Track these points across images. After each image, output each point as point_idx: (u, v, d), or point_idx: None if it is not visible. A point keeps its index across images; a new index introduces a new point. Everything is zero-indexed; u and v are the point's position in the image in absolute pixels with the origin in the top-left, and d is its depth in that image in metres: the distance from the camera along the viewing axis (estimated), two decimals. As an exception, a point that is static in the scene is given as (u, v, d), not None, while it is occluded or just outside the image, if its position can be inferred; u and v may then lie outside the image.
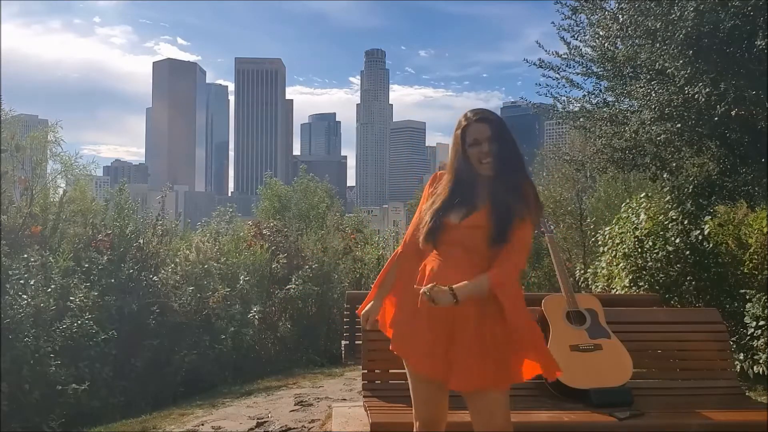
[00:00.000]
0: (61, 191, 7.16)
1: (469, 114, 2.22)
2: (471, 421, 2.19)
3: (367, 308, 2.38)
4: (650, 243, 5.82)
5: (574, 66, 6.71)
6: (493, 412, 2.12)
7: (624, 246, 6.01)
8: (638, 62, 5.71)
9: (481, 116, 2.20)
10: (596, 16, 6.15)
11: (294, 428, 4.23)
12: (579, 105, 6.88)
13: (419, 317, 2.18)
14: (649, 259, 5.78)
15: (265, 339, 7.66)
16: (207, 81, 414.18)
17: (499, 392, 2.13)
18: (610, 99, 6.73)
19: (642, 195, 6.23)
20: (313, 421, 4.38)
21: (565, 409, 3.00)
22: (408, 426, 2.33)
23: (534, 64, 6.74)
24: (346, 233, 10.86)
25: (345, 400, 4.95)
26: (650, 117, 5.76)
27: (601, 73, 6.57)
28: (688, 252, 5.60)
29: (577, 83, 6.82)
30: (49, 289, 5.60)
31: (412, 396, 2.26)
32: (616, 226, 6.26)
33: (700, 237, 5.52)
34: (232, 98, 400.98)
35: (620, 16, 5.61)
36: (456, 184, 2.22)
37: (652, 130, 5.87)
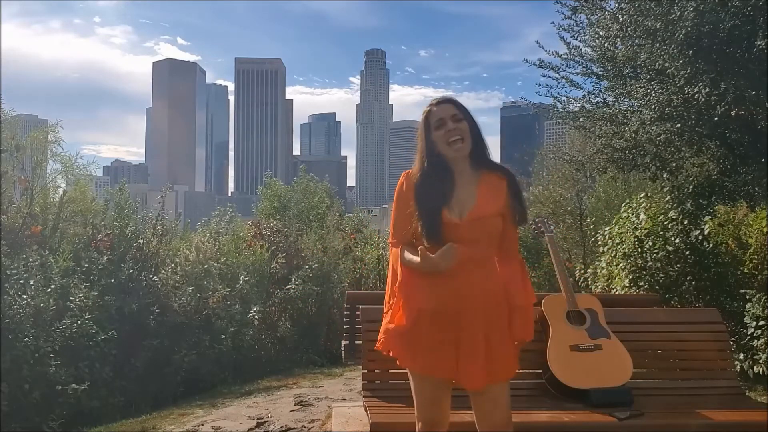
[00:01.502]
0: (61, 191, 7.17)
1: (431, 101, 2.25)
2: (474, 418, 2.20)
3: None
4: (650, 243, 5.82)
5: (574, 66, 6.72)
6: (494, 407, 2.16)
7: (624, 246, 6.01)
8: (638, 62, 5.70)
9: (442, 99, 2.24)
10: (596, 16, 6.15)
11: (294, 428, 4.23)
12: (579, 105, 6.88)
13: (422, 321, 2.15)
14: (649, 259, 5.78)
15: (265, 339, 7.66)
16: (207, 81, 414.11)
17: (501, 385, 2.16)
18: (610, 99, 6.73)
19: (642, 195, 6.23)
20: (313, 421, 4.38)
21: (565, 409, 3.00)
22: (408, 426, 2.33)
23: (534, 64, 6.74)
24: (346, 233, 10.87)
25: (345, 400, 4.95)
26: (650, 117, 5.76)
27: (601, 73, 6.56)
28: (688, 252, 5.60)
29: (577, 83, 6.82)
30: (49, 289, 5.59)
31: (414, 396, 2.24)
32: (616, 226, 6.26)
33: (700, 237, 5.52)
34: (232, 98, 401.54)
35: (620, 16, 5.60)
36: (428, 176, 2.17)
37: (652, 130, 5.87)
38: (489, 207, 2.16)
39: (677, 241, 5.62)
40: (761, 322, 4.85)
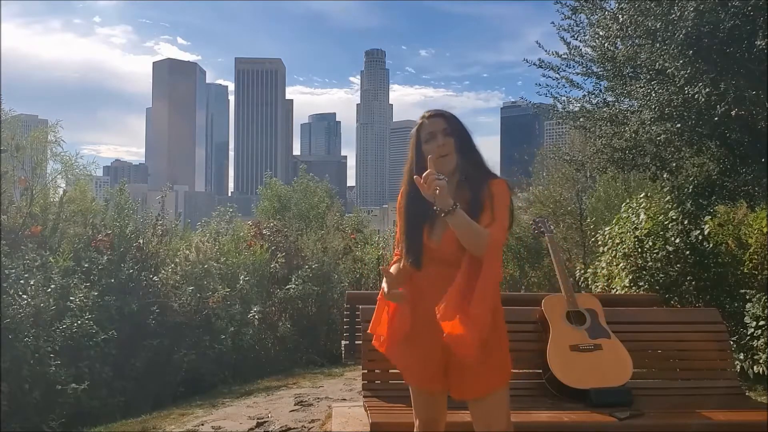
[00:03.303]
0: (61, 191, 7.17)
1: (424, 114, 2.24)
2: (472, 421, 2.19)
3: (394, 271, 2.19)
4: (650, 243, 5.82)
5: (574, 66, 6.71)
6: (491, 412, 2.14)
7: (624, 246, 6.01)
8: (638, 62, 5.71)
9: (435, 112, 2.22)
10: (596, 16, 6.15)
11: (294, 428, 4.23)
12: (579, 105, 6.88)
13: (414, 330, 2.17)
14: (649, 259, 5.78)
15: (265, 339, 7.66)
16: (207, 81, 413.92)
17: (498, 392, 2.14)
18: (610, 99, 6.72)
19: (642, 195, 6.23)
20: (313, 421, 4.38)
21: (565, 409, 3.00)
22: (408, 426, 2.33)
23: (534, 64, 6.74)
24: (346, 233, 10.87)
25: (345, 400, 4.95)
26: (650, 117, 5.76)
27: (601, 73, 6.56)
28: (688, 252, 5.60)
29: (577, 83, 6.81)
30: (49, 289, 5.59)
31: (412, 395, 2.27)
32: (616, 226, 6.26)
33: (700, 237, 5.52)
34: (232, 98, 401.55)
35: (620, 16, 5.60)
36: (415, 194, 2.12)
37: (652, 130, 5.87)
38: None
39: (677, 241, 5.62)
40: (761, 322, 4.85)
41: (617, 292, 5.89)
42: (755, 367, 4.90)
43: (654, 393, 3.29)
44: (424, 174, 1.99)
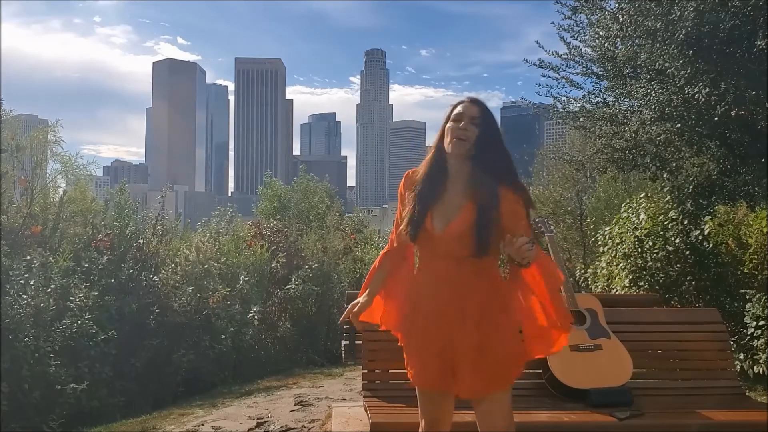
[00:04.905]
0: (61, 191, 7.16)
1: (467, 98, 2.20)
2: (476, 420, 2.19)
3: (357, 305, 2.30)
4: (650, 243, 5.82)
5: (574, 66, 6.74)
6: (494, 411, 2.13)
7: (624, 246, 6.01)
8: (638, 62, 5.71)
9: (475, 100, 2.18)
10: (596, 16, 6.16)
11: (294, 428, 4.23)
12: (579, 105, 6.90)
13: (416, 327, 2.17)
14: (649, 259, 5.78)
15: (265, 339, 7.66)
16: (207, 81, 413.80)
17: (501, 392, 2.14)
18: (610, 99, 6.74)
19: (642, 195, 6.23)
20: (313, 421, 4.38)
21: (565, 409, 3.00)
22: (407, 426, 2.33)
23: (534, 64, 6.76)
24: (346, 233, 10.88)
25: (345, 400, 4.95)
26: (650, 117, 5.77)
27: (601, 73, 6.57)
28: (688, 252, 5.60)
29: (577, 83, 6.83)
30: (49, 289, 5.59)
31: (417, 395, 2.25)
32: (616, 226, 6.26)
33: (700, 237, 5.52)
34: (232, 98, 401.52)
35: (620, 16, 5.61)
36: (436, 171, 2.14)
37: (652, 130, 5.88)
38: (467, 223, 2.07)
39: (677, 241, 5.62)
40: (761, 322, 4.85)
41: (617, 292, 5.89)
42: (755, 367, 4.90)
43: (654, 393, 3.29)
44: (518, 242, 1.90)
